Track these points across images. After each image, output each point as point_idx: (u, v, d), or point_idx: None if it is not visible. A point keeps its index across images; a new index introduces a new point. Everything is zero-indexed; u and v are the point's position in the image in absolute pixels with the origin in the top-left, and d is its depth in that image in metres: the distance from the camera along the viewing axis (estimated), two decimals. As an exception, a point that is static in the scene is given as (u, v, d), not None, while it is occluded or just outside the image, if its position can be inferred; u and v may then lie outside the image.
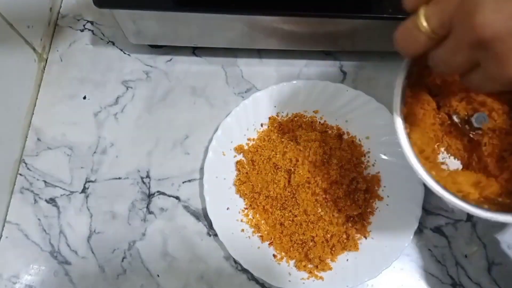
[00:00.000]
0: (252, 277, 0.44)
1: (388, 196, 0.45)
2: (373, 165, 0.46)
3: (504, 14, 0.20)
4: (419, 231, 0.45)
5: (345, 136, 0.47)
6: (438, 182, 0.33)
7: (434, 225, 0.45)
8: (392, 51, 0.28)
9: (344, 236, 0.43)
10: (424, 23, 0.23)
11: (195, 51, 0.53)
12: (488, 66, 0.22)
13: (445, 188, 0.33)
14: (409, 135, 0.34)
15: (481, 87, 0.25)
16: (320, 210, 0.43)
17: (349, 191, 0.44)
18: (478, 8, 0.20)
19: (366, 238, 0.43)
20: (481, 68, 0.23)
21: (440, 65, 0.25)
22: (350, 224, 0.43)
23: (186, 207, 0.47)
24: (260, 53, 0.53)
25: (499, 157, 0.38)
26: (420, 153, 0.35)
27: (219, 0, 0.42)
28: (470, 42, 0.22)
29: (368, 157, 0.46)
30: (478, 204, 0.33)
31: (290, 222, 0.43)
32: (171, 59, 0.53)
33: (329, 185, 0.43)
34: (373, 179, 0.45)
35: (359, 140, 0.47)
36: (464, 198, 0.33)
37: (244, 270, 0.43)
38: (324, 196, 0.43)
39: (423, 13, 0.23)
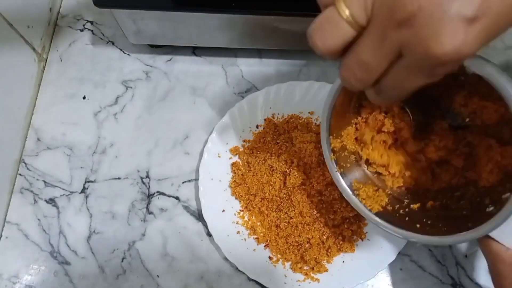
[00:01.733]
0: (251, 277, 0.44)
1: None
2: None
3: None
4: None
5: None
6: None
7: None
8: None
9: (340, 237, 0.43)
10: (345, 9, 0.21)
11: (195, 51, 0.53)
12: (413, 48, 0.20)
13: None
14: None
15: (403, 84, 0.22)
16: (315, 211, 0.43)
17: None
18: None
19: (362, 239, 0.43)
20: (404, 57, 0.21)
21: (355, 69, 0.23)
22: (346, 226, 0.43)
23: (186, 207, 0.47)
24: (260, 53, 0.53)
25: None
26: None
27: (219, 0, 0.42)
28: (394, 22, 0.20)
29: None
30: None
31: (285, 224, 0.43)
32: (171, 59, 0.53)
33: (325, 187, 0.43)
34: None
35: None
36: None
37: (244, 270, 0.44)
38: (319, 197, 0.43)
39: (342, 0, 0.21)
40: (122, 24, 0.47)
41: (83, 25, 0.56)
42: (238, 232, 0.44)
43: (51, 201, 0.47)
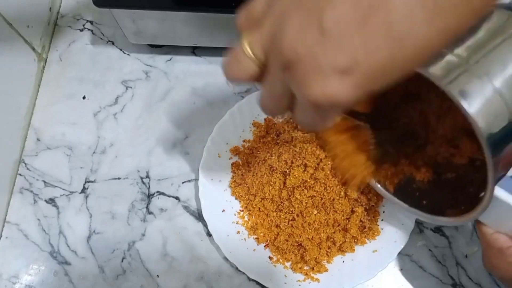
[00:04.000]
0: (251, 278, 0.43)
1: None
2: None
3: (306, 37, 0.20)
4: (419, 231, 0.45)
5: None
6: None
7: (435, 225, 0.45)
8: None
9: (340, 237, 0.43)
10: (248, 48, 0.23)
11: (195, 50, 0.53)
12: (295, 89, 0.22)
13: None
14: None
15: (306, 121, 0.24)
16: (316, 212, 0.43)
17: (345, 192, 0.43)
18: (285, 31, 0.20)
19: (362, 239, 0.43)
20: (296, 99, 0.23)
21: (267, 101, 0.25)
22: (346, 226, 0.43)
23: (186, 207, 0.47)
24: (260, 52, 0.52)
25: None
26: None
27: (219, 0, 0.42)
28: (280, 64, 0.21)
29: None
30: None
31: (286, 224, 0.43)
32: (171, 59, 0.53)
33: (325, 187, 0.43)
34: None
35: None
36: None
37: (244, 271, 0.43)
38: (319, 197, 0.43)
39: (245, 38, 0.23)
40: (122, 24, 0.47)
41: (83, 25, 0.56)
42: (238, 232, 0.44)
43: (51, 201, 0.47)
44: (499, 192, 0.30)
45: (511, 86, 0.28)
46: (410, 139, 0.41)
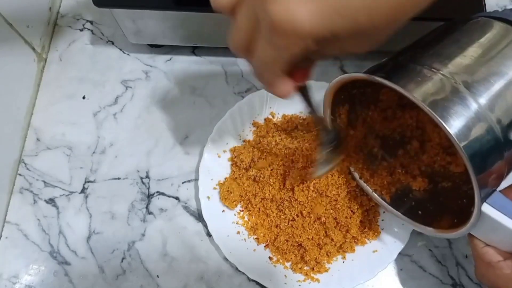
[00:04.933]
0: (251, 278, 0.43)
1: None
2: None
3: None
4: (419, 232, 0.45)
5: None
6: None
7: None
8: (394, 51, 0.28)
9: (340, 237, 0.43)
10: None
11: (195, 50, 0.53)
12: (259, 13, 0.22)
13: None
14: None
15: (262, 54, 0.24)
16: (316, 212, 0.43)
17: (345, 192, 0.43)
18: None
19: (362, 239, 0.43)
20: (259, 26, 0.23)
21: (233, 33, 0.25)
22: (346, 226, 0.43)
23: (186, 208, 0.47)
24: (260, 52, 0.52)
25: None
26: None
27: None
28: None
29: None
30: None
31: (286, 224, 0.43)
32: (170, 59, 0.53)
33: (325, 187, 0.43)
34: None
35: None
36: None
37: (244, 271, 0.43)
38: (320, 198, 0.43)
39: None
40: (121, 23, 0.47)
41: (83, 25, 0.56)
42: (238, 232, 0.44)
43: (51, 201, 0.47)
44: (487, 209, 0.30)
45: (495, 104, 0.28)
46: (406, 147, 0.41)
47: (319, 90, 0.47)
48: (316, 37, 0.22)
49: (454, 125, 0.27)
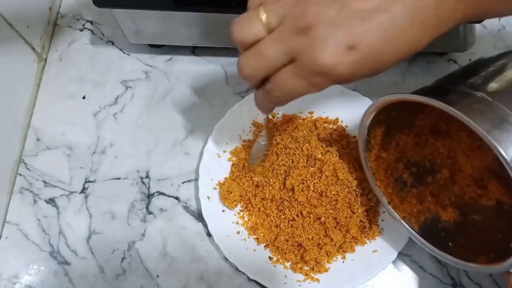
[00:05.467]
0: (251, 278, 0.43)
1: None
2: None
3: (329, 10, 0.24)
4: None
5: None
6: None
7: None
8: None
9: (340, 237, 0.43)
10: (263, 13, 0.27)
11: (195, 50, 0.53)
12: (303, 52, 0.25)
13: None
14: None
15: (286, 86, 0.27)
16: (316, 212, 0.43)
17: (345, 192, 0.43)
18: (311, 1, 0.25)
19: (362, 239, 0.43)
20: (295, 62, 0.26)
21: (251, 57, 0.27)
22: (346, 226, 0.43)
23: (186, 208, 0.47)
24: (260, 52, 0.52)
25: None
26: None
27: (219, 0, 0.42)
28: (296, 29, 0.25)
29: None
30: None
31: (286, 224, 0.43)
32: (170, 59, 0.53)
33: (325, 187, 0.43)
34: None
35: (356, 141, 0.46)
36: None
37: (244, 271, 0.43)
38: (320, 198, 0.43)
39: (263, 7, 0.27)
40: (121, 23, 0.47)
41: (83, 25, 0.56)
42: (238, 232, 0.44)
43: (51, 201, 0.47)
44: None
45: None
46: (435, 175, 0.40)
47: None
48: (345, 81, 0.26)
49: (509, 152, 0.26)
